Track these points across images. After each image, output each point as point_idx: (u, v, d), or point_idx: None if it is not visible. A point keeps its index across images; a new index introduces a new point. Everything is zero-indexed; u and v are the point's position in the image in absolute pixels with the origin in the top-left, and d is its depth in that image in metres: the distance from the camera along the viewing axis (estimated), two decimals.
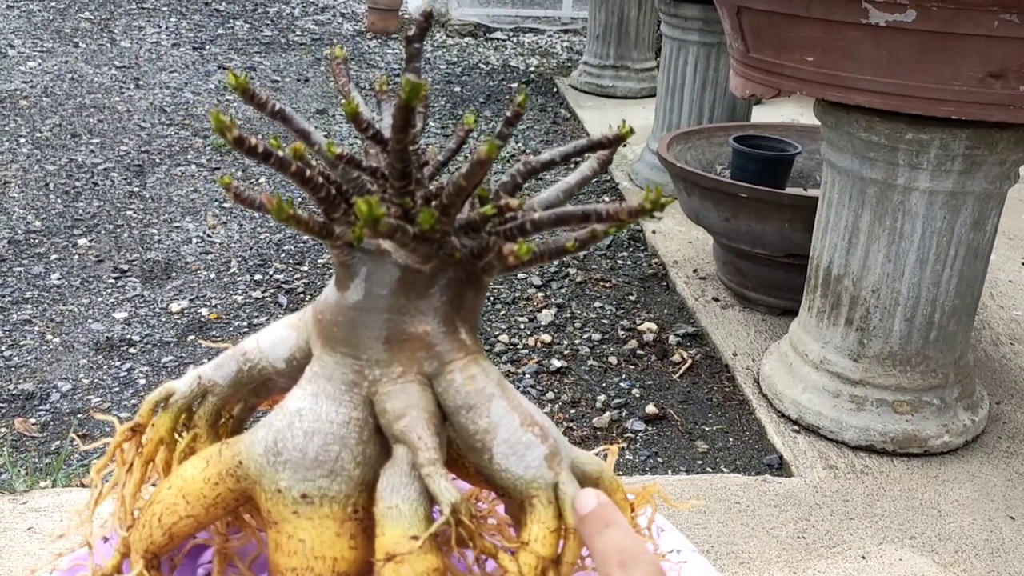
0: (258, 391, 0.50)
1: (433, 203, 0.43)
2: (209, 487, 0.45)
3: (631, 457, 1.72)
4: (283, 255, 2.57)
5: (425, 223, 0.40)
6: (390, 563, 0.40)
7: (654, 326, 2.19)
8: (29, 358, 2.01)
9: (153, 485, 0.50)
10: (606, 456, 0.54)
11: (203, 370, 0.49)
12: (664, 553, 0.52)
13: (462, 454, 0.49)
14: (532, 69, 5.01)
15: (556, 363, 2.02)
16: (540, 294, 2.36)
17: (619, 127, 0.48)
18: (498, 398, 0.44)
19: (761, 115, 3.47)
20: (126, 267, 2.46)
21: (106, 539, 0.50)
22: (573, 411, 1.85)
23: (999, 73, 1.33)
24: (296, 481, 0.42)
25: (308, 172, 0.41)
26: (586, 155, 0.50)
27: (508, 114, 0.48)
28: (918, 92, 1.39)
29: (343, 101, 0.43)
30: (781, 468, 1.65)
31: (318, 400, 0.44)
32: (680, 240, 2.61)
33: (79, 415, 1.81)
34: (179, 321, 2.20)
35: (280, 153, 0.40)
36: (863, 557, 1.41)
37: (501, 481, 0.44)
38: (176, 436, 0.49)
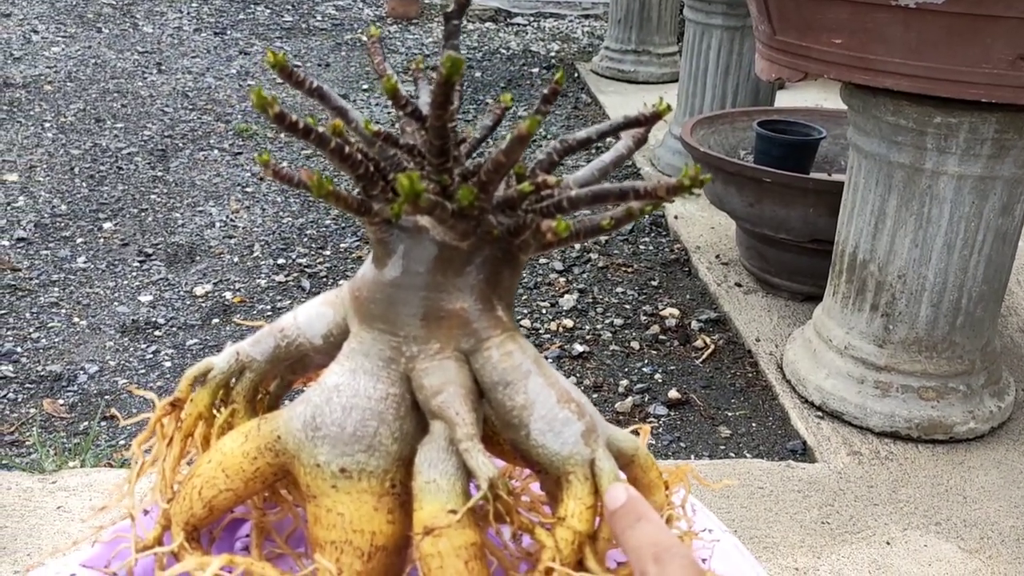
0: (295, 367, 0.50)
1: (471, 180, 0.44)
2: (248, 461, 0.45)
3: (654, 442, 1.72)
4: (306, 239, 2.58)
5: (464, 199, 0.40)
6: (428, 537, 0.41)
7: (676, 311, 2.18)
8: (57, 340, 2.03)
9: (190, 462, 0.50)
10: (638, 435, 0.54)
11: (241, 346, 0.50)
12: (697, 532, 0.52)
13: (498, 431, 0.49)
14: (553, 54, 4.99)
15: (578, 348, 2.02)
16: (562, 279, 2.36)
17: (655, 104, 0.48)
18: (535, 375, 0.44)
19: (784, 100, 3.44)
20: (151, 251, 2.48)
21: (147, 512, 0.51)
22: (595, 396, 1.85)
23: None
24: (335, 456, 0.43)
25: (347, 149, 0.41)
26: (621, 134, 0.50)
27: (545, 91, 0.48)
28: (947, 75, 1.37)
29: (383, 78, 0.43)
30: (805, 454, 1.65)
31: (356, 376, 0.44)
32: (702, 225, 2.60)
33: (107, 396, 1.83)
34: (203, 304, 2.21)
35: (320, 130, 0.40)
36: (888, 543, 1.40)
37: (538, 457, 0.44)
38: (214, 411, 0.50)
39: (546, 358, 1.98)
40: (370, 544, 0.43)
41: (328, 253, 2.51)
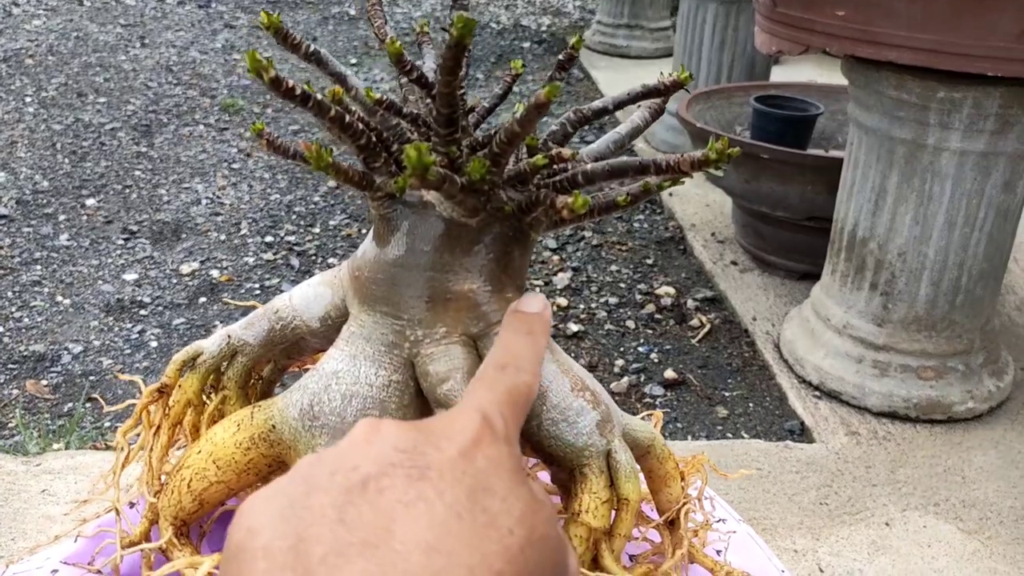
0: (290, 351, 0.48)
1: (481, 152, 0.40)
2: (241, 452, 0.42)
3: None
4: (294, 217, 2.54)
5: (475, 173, 0.36)
6: None
7: (672, 290, 2.16)
8: (39, 319, 1.99)
9: (180, 450, 0.48)
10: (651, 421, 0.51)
11: (232, 329, 0.47)
12: (712, 523, 0.50)
13: None
14: (544, 29, 4.93)
15: (573, 327, 2.00)
16: (556, 257, 2.33)
17: (677, 72, 0.45)
18: (547, 361, 0.42)
19: (778, 75, 3.41)
20: (135, 228, 2.44)
21: (132, 504, 0.48)
22: None
23: None
24: None
25: (348, 118, 0.38)
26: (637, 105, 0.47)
27: (561, 57, 0.45)
28: (953, 48, 1.35)
29: (385, 42, 0.40)
30: (802, 434, 1.63)
31: (356, 362, 0.41)
32: (697, 203, 2.57)
33: (91, 377, 1.80)
34: (190, 283, 2.18)
35: (318, 96, 0.37)
36: (886, 524, 1.39)
37: (550, 448, 0.42)
38: (204, 398, 0.47)
39: None
40: None
41: (317, 231, 2.47)
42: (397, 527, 0.23)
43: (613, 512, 0.42)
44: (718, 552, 0.52)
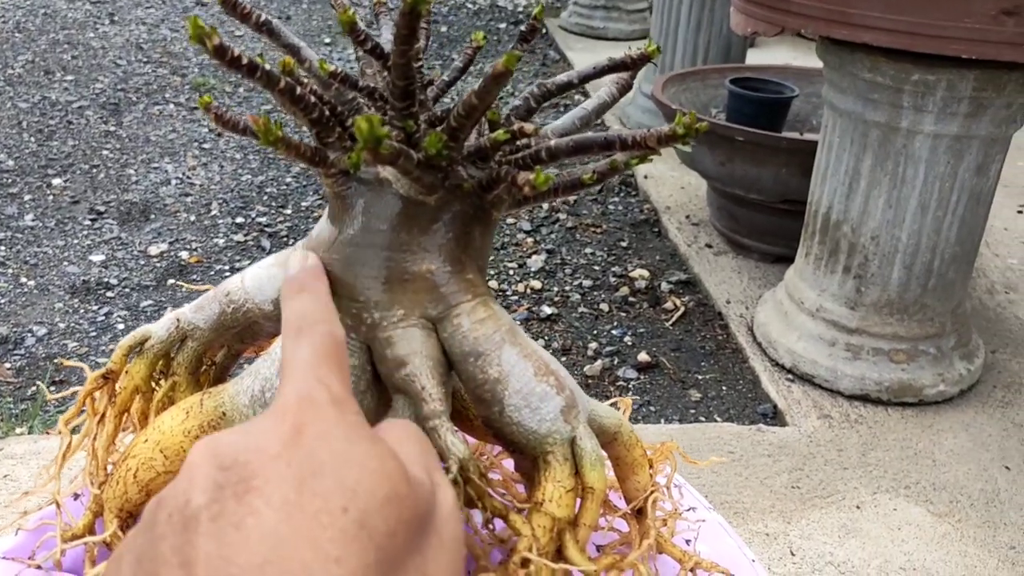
0: (243, 335, 0.46)
1: (439, 127, 0.39)
2: (189, 441, 0.41)
3: None
4: (265, 197, 2.51)
5: (432, 147, 0.35)
6: None
7: (646, 273, 2.15)
8: (3, 301, 1.95)
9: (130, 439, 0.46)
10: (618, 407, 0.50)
11: (182, 312, 0.45)
12: (682, 512, 0.48)
13: (468, 406, 0.45)
14: (520, 9, 4.89)
15: (547, 310, 1.99)
16: (530, 239, 2.31)
17: (645, 46, 0.43)
18: (509, 345, 0.40)
19: (754, 58, 3.40)
20: (103, 208, 2.39)
21: (76, 496, 0.46)
22: (564, 359, 1.82)
23: (1012, 10, 1.28)
24: None
25: (299, 90, 0.36)
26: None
27: (523, 28, 0.43)
28: (928, 30, 1.34)
29: (339, 11, 0.38)
30: (775, 417, 1.63)
31: None
32: (672, 185, 2.56)
33: (55, 360, 1.76)
34: (158, 264, 2.14)
35: (267, 67, 0.35)
36: (857, 507, 1.39)
37: (512, 436, 0.40)
38: (153, 384, 0.45)
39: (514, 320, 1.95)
40: None
41: (289, 212, 2.44)
42: (233, 552, 0.22)
43: (578, 501, 0.40)
44: (687, 542, 0.51)
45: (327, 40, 4.03)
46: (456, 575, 0.27)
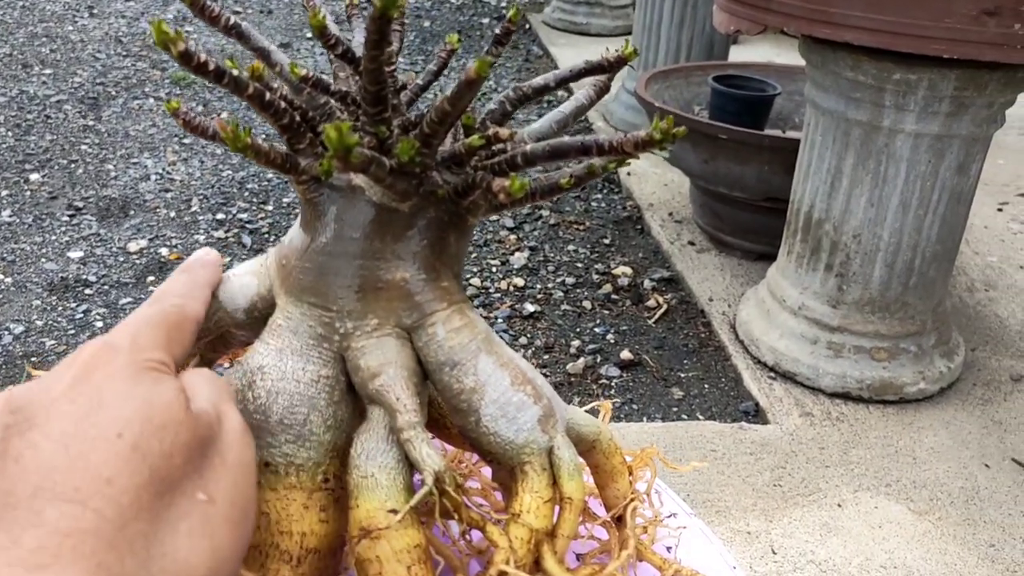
0: (215, 345, 0.45)
1: (412, 132, 0.38)
2: None
3: None
4: (246, 194, 2.49)
5: (404, 154, 0.34)
6: (365, 539, 0.36)
7: (629, 270, 2.15)
8: None
9: None
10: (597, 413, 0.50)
11: None
12: (662, 518, 0.48)
13: (444, 415, 0.44)
14: (504, 4, 4.87)
15: (529, 307, 1.98)
16: (512, 236, 2.30)
17: (619, 48, 0.42)
18: (486, 353, 0.40)
19: (737, 55, 3.41)
20: (81, 204, 2.37)
21: None
22: (547, 357, 1.82)
23: (993, 10, 1.29)
24: (258, 448, 0.37)
25: (268, 96, 0.35)
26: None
27: (498, 31, 0.42)
28: (909, 29, 1.34)
29: (309, 15, 0.37)
30: (757, 415, 1.64)
31: (283, 356, 0.39)
32: (655, 182, 2.56)
33: (33, 358, 1.74)
34: (137, 261, 2.12)
35: (235, 72, 0.34)
36: (839, 505, 1.40)
37: (489, 446, 0.40)
38: None
39: (496, 318, 1.94)
40: (300, 547, 0.38)
41: (270, 208, 2.42)
42: (11, 484, 0.24)
43: (556, 511, 0.40)
44: (668, 549, 0.50)
45: (309, 35, 4.00)
46: (243, 496, 0.29)
